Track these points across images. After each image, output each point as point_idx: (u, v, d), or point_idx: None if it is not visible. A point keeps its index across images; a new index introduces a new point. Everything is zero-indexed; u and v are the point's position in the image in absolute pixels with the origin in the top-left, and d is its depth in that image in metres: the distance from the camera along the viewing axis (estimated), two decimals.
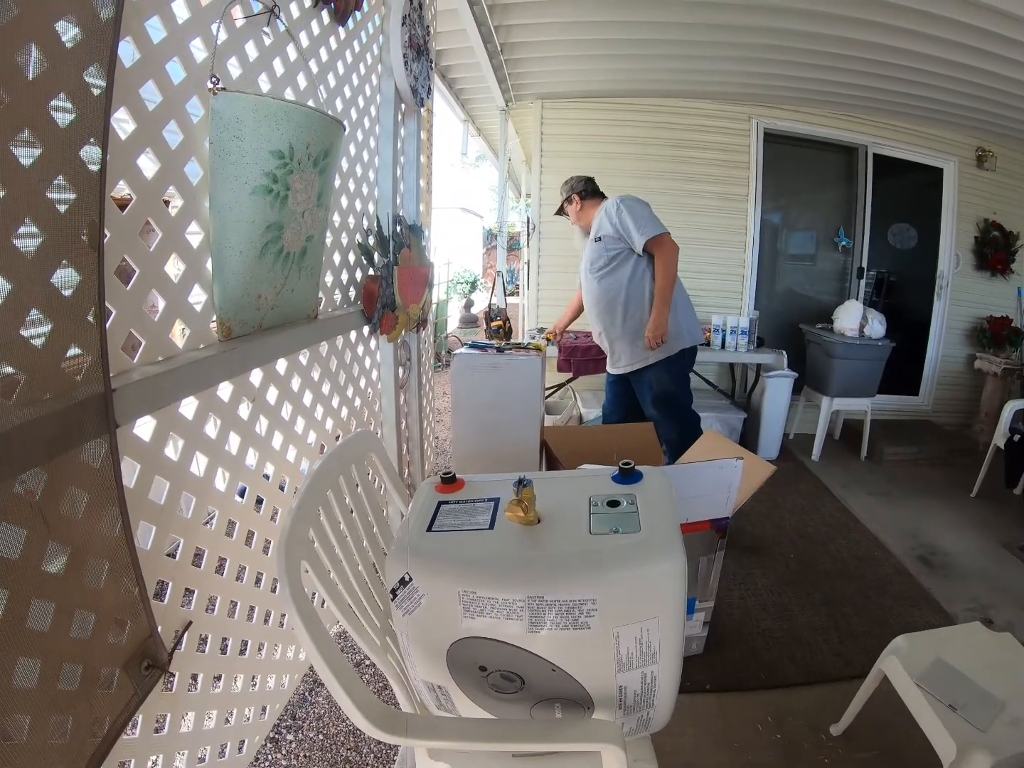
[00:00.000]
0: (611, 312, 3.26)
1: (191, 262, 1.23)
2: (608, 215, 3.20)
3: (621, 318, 3.24)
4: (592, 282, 3.28)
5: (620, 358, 3.35)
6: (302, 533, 1.10)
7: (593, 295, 3.31)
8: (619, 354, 3.34)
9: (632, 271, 3.20)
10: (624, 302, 3.22)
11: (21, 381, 0.81)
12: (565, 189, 3.44)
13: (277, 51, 1.46)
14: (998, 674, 1.58)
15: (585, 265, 3.34)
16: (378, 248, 2.12)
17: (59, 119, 0.83)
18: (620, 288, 3.22)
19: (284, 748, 1.88)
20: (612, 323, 3.28)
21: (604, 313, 3.29)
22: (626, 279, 3.20)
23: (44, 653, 0.86)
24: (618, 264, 3.21)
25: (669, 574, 1.04)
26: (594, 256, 3.25)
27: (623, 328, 3.25)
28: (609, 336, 3.33)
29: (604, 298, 3.26)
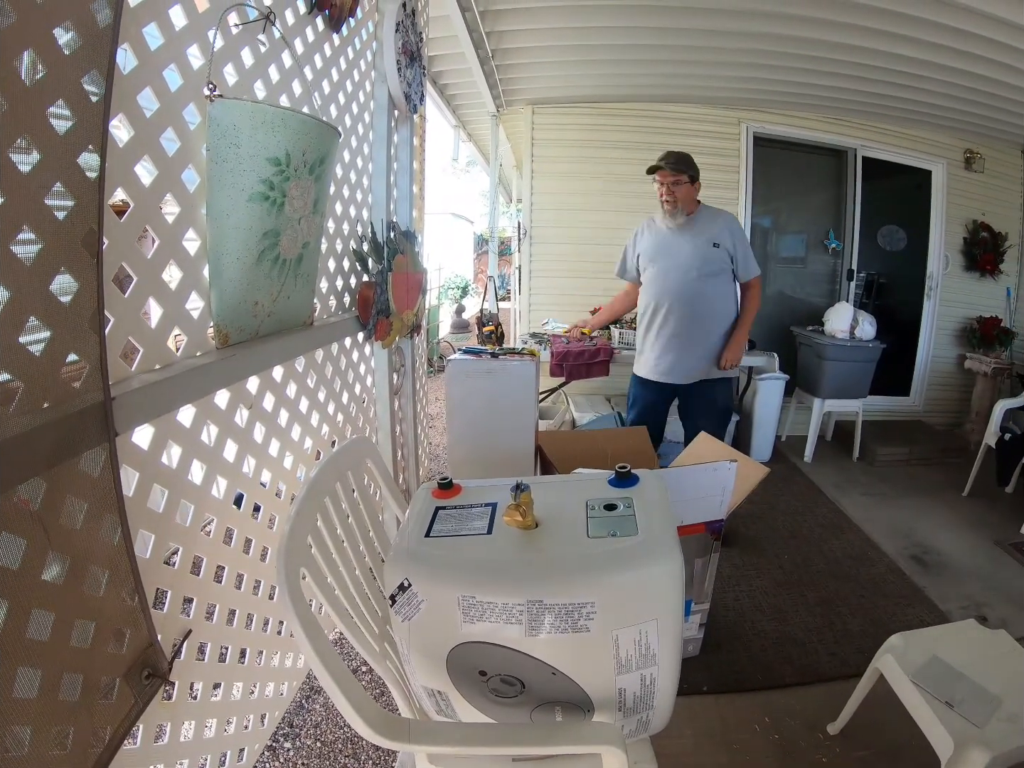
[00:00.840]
0: (700, 318, 3.15)
1: (188, 269, 1.23)
2: (731, 231, 3.15)
3: (706, 328, 3.16)
4: (695, 281, 3.10)
5: (683, 366, 3.21)
6: (300, 540, 1.10)
7: (688, 294, 3.12)
8: (685, 362, 3.20)
9: (727, 290, 3.21)
10: (714, 314, 3.18)
11: (20, 389, 0.80)
12: (688, 165, 3.10)
13: (272, 58, 1.46)
14: (993, 671, 1.60)
15: (688, 260, 3.12)
16: (372, 254, 2.12)
17: (58, 126, 0.83)
18: (716, 300, 3.17)
19: (282, 756, 1.88)
20: (696, 328, 3.16)
21: (694, 316, 3.15)
22: (723, 295, 3.19)
23: (44, 663, 0.85)
24: (723, 278, 3.17)
25: (667, 576, 1.05)
26: (708, 257, 3.10)
27: (704, 339, 3.17)
28: (685, 339, 3.18)
29: (700, 301, 3.14)
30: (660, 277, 3.19)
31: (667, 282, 3.16)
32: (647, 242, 3.28)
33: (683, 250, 3.13)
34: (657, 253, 3.21)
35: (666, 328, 3.20)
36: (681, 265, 3.13)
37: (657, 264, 3.21)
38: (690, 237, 3.13)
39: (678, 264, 3.14)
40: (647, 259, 3.26)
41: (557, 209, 5.13)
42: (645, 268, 3.29)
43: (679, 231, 3.16)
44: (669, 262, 3.16)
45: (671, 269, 3.15)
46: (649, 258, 3.25)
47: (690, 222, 3.15)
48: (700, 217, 3.17)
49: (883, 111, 4.59)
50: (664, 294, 3.17)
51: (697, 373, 3.21)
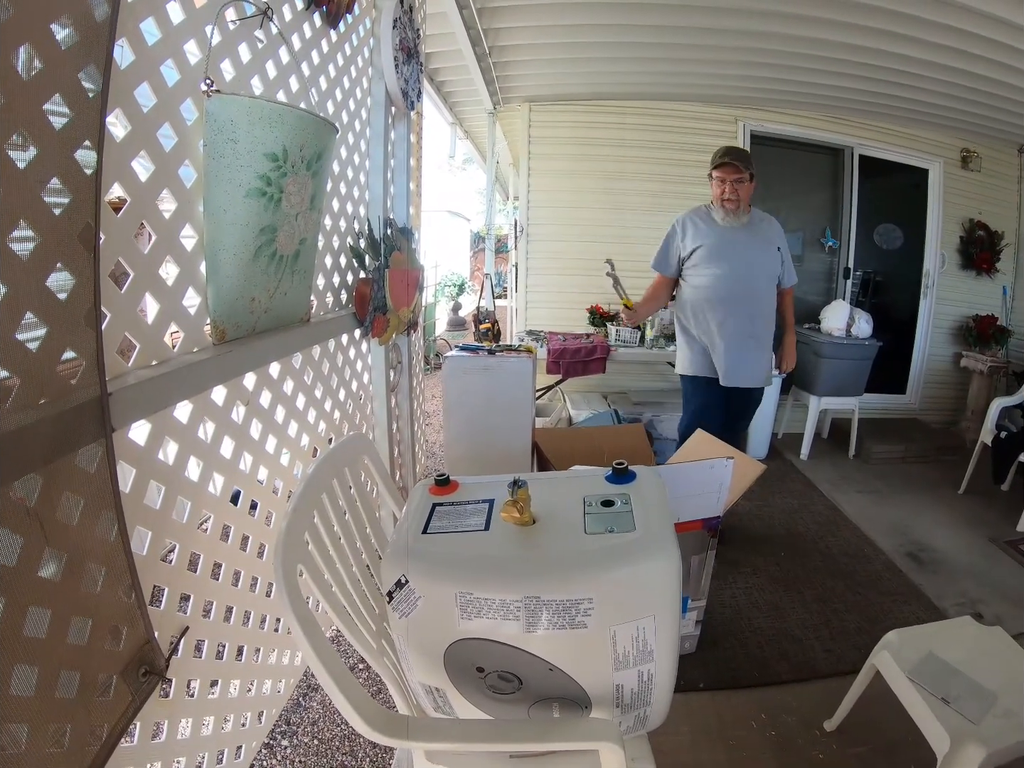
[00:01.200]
0: (768, 321, 3.15)
1: (185, 265, 1.23)
2: (781, 236, 3.17)
3: (770, 331, 3.18)
4: (766, 283, 3.10)
5: (759, 369, 3.16)
6: (298, 537, 1.10)
7: (760, 295, 3.09)
8: (760, 364, 3.15)
9: (775, 296, 3.20)
10: (773, 318, 3.20)
11: (16, 385, 0.80)
12: (750, 163, 3.01)
13: (270, 54, 1.45)
14: (989, 667, 1.61)
15: (758, 262, 3.07)
16: (369, 251, 2.12)
17: (54, 121, 0.82)
18: (773, 303, 3.18)
19: (279, 754, 1.88)
20: (765, 331, 3.14)
21: (765, 317, 3.15)
22: (775, 299, 3.19)
23: (41, 661, 0.85)
24: (775, 283, 3.18)
25: (665, 572, 1.05)
26: (772, 261, 3.10)
27: (767, 344, 3.17)
28: (757, 346, 3.12)
29: (768, 304, 3.14)
30: (730, 277, 3.02)
31: (738, 282, 3.02)
32: (706, 238, 3.08)
33: (751, 251, 3.05)
34: (722, 252, 3.04)
35: (740, 329, 3.05)
36: (752, 266, 3.05)
37: (724, 263, 3.03)
38: (753, 238, 3.06)
39: (749, 264, 3.04)
40: (707, 256, 3.07)
41: (554, 207, 5.13)
42: (700, 264, 3.10)
43: (742, 231, 3.06)
44: (738, 262, 3.02)
45: (742, 269, 3.02)
46: (711, 255, 3.06)
47: (750, 223, 3.09)
48: (754, 219, 3.12)
49: (880, 110, 4.60)
50: (736, 294, 3.02)
51: (766, 376, 3.19)
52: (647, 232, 5.05)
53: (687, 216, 3.19)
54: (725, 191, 2.98)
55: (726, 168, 2.95)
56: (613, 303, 5.01)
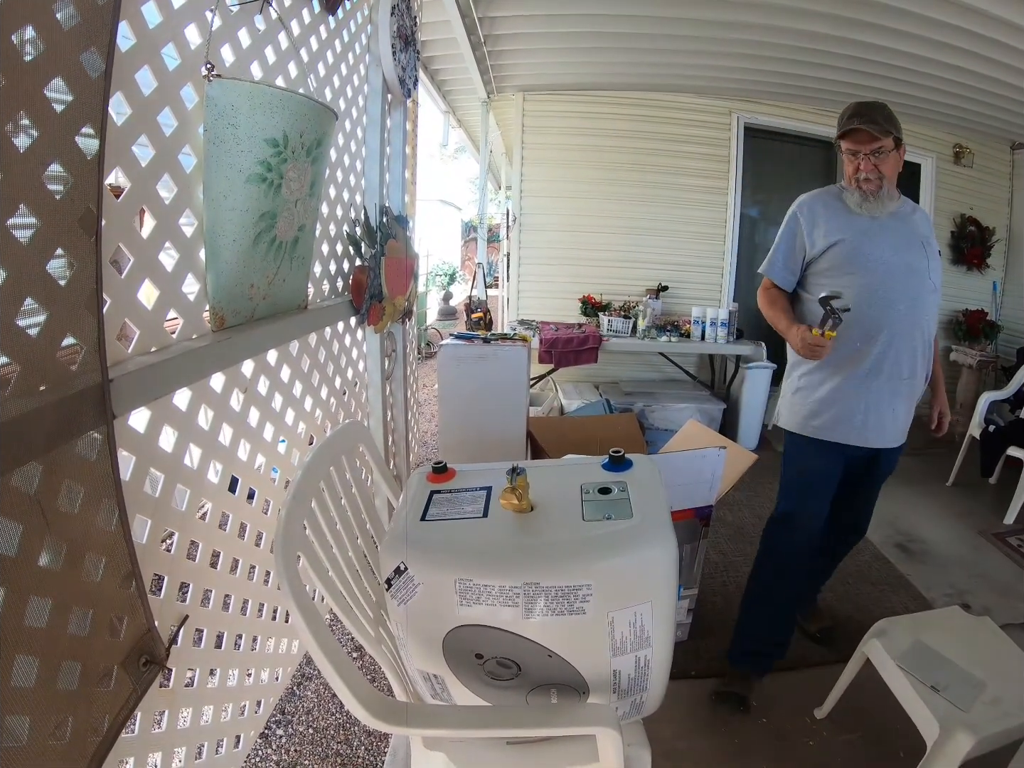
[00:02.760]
0: (928, 352, 2.08)
1: (184, 251, 1.22)
2: (933, 234, 2.12)
3: (928, 367, 2.10)
4: (932, 300, 2.04)
5: (904, 424, 2.13)
6: (297, 525, 1.10)
7: (925, 318, 2.01)
8: (906, 418, 2.12)
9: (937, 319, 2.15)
10: (933, 346, 2.11)
11: (16, 372, 0.79)
12: (894, 123, 1.98)
13: (269, 39, 1.44)
14: (977, 656, 1.63)
15: (920, 269, 2.00)
16: (366, 238, 2.11)
17: (55, 104, 0.81)
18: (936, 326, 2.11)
19: (274, 743, 1.87)
20: (923, 367, 2.07)
21: (925, 350, 2.06)
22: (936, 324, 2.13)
23: (42, 651, 0.85)
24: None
25: (662, 558, 1.06)
26: (936, 270, 2.05)
27: (920, 386, 2.11)
28: (911, 391, 2.08)
29: (931, 329, 2.06)
30: (889, 288, 1.97)
31: (903, 298, 1.97)
32: (846, 231, 2.03)
33: (911, 252, 2.01)
34: (871, 252, 1.99)
35: (891, 368, 2.01)
36: (916, 274, 2.00)
37: (878, 267, 1.98)
38: (911, 233, 2.04)
39: (911, 271, 1.99)
40: (849, 256, 2.01)
41: (546, 196, 5.12)
42: (837, 269, 2.04)
43: (893, 223, 2.03)
44: (898, 267, 1.98)
45: (904, 277, 1.98)
46: (854, 256, 2.01)
47: (900, 212, 2.06)
48: (906, 208, 2.09)
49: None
50: (900, 315, 1.97)
51: (903, 434, 2.15)
52: (639, 223, 5.07)
53: (815, 198, 2.16)
54: (860, 167, 2.01)
55: (857, 136, 1.98)
56: (606, 293, 5.03)
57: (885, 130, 1.94)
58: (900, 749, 1.80)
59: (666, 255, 5.12)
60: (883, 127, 1.95)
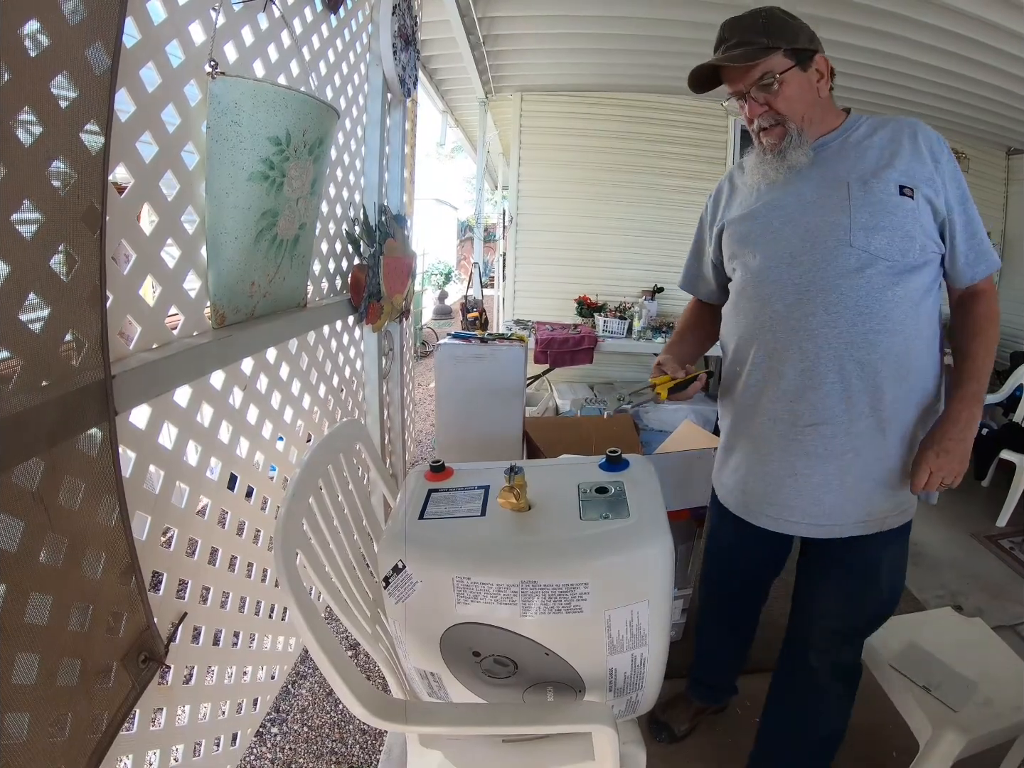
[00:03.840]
0: (879, 381, 1.28)
1: (186, 248, 1.22)
2: (933, 155, 1.31)
3: (899, 395, 1.30)
4: (856, 278, 1.26)
5: (819, 499, 1.35)
6: (297, 523, 1.10)
7: (849, 306, 1.27)
8: (822, 489, 1.34)
9: (923, 306, 1.32)
10: (911, 362, 1.31)
11: (19, 367, 0.79)
12: (780, 30, 1.34)
13: (271, 37, 1.45)
14: (969, 657, 1.65)
15: (824, 231, 1.29)
16: (364, 237, 2.12)
17: (61, 99, 0.81)
18: (912, 325, 1.30)
19: (269, 741, 1.87)
20: (874, 404, 1.29)
21: (872, 368, 1.28)
22: (920, 313, 1.31)
23: (43, 648, 0.85)
24: (920, 274, 1.30)
25: (658, 557, 1.06)
26: (880, 219, 1.25)
27: (892, 419, 1.31)
28: (840, 435, 1.31)
29: (863, 326, 1.27)
30: (751, 283, 1.40)
31: (766, 295, 1.36)
32: (727, 214, 1.50)
33: (816, 211, 1.31)
34: (757, 225, 1.39)
35: (773, 405, 1.37)
36: (812, 244, 1.30)
37: (749, 257, 1.40)
38: (831, 178, 1.32)
39: (803, 243, 1.31)
40: (729, 253, 1.47)
41: (543, 197, 5.13)
42: (731, 257, 1.47)
43: (807, 174, 1.35)
44: (786, 238, 1.34)
45: (780, 259, 1.34)
46: (732, 250, 1.46)
47: (824, 156, 1.35)
48: (851, 141, 1.34)
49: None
50: (760, 323, 1.37)
51: (852, 515, 1.36)
52: (635, 224, 5.07)
53: (726, 174, 1.63)
54: (746, 115, 1.36)
55: (728, 73, 1.36)
56: (601, 294, 5.04)
57: (763, 47, 1.26)
58: (893, 748, 1.81)
59: (662, 256, 5.13)
60: (757, 44, 1.27)
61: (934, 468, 1.28)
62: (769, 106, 1.31)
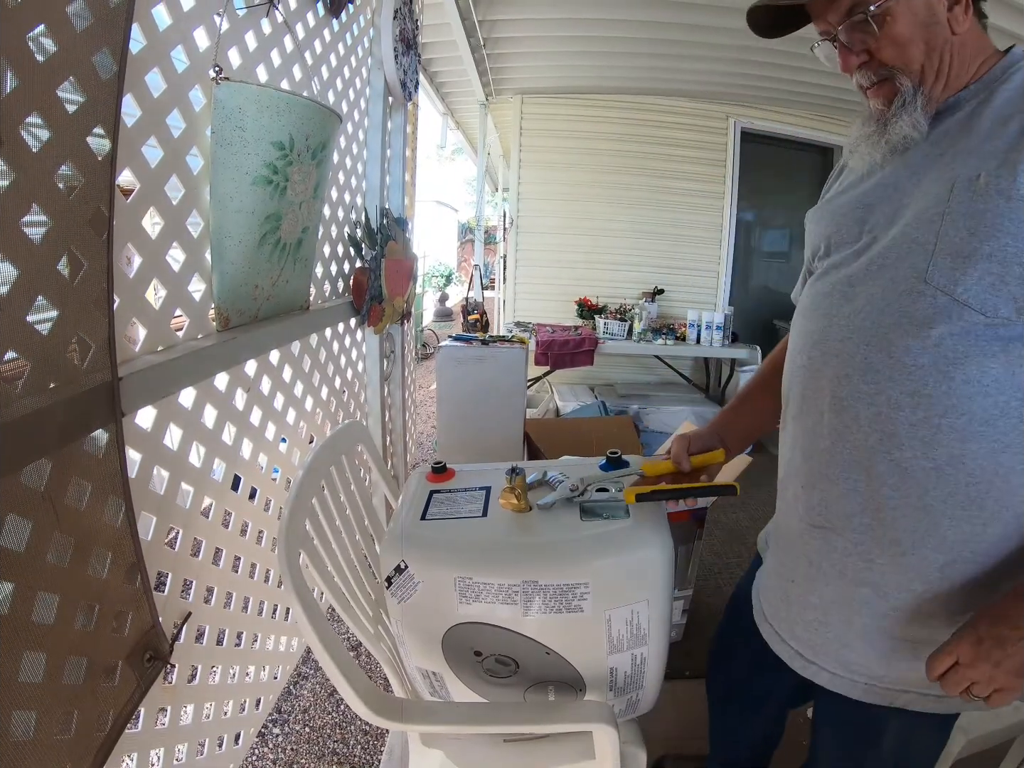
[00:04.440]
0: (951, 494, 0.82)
1: (191, 252, 1.23)
2: None
3: (960, 528, 0.82)
4: (918, 339, 0.80)
5: (844, 631, 0.95)
6: (300, 523, 1.11)
7: (895, 385, 0.82)
8: (817, 616, 0.98)
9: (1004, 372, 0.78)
10: (991, 485, 0.80)
11: (27, 369, 0.80)
12: None
13: (274, 42, 1.46)
14: None
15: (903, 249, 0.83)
16: (366, 240, 2.13)
17: (68, 105, 0.82)
18: (1003, 426, 0.78)
19: (271, 742, 1.88)
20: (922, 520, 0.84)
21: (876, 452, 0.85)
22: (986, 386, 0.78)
23: (50, 646, 0.86)
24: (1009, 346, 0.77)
25: (658, 557, 1.07)
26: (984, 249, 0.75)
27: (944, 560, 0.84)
28: (856, 545, 0.90)
29: (955, 427, 0.79)
30: (814, 304, 0.98)
31: (799, 346, 0.99)
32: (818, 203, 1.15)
33: (892, 223, 0.87)
34: (817, 235, 1.05)
35: (796, 492, 1.01)
36: (874, 264, 0.87)
37: (816, 292, 0.99)
38: (926, 178, 0.85)
39: (864, 265, 0.89)
40: (806, 251, 1.13)
41: (544, 199, 5.14)
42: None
43: (903, 165, 0.89)
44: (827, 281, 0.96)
45: (838, 281, 0.93)
46: (807, 248, 1.12)
47: (946, 129, 0.86)
48: (993, 104, 0.81)
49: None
50: (792, 385, 1.02)
51: (848, 666, 0.97)
52: (636, 226, 5.09)
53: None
54: (844, 67, 0.93)
55: (811, 6, 0.92)
56: (602, 296, 5.05)
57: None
58: None
59: (662, 258, 5.14)
60: None
61: (964, 660, 0.77)
62: (870, 54, 0.87)
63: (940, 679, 0.79)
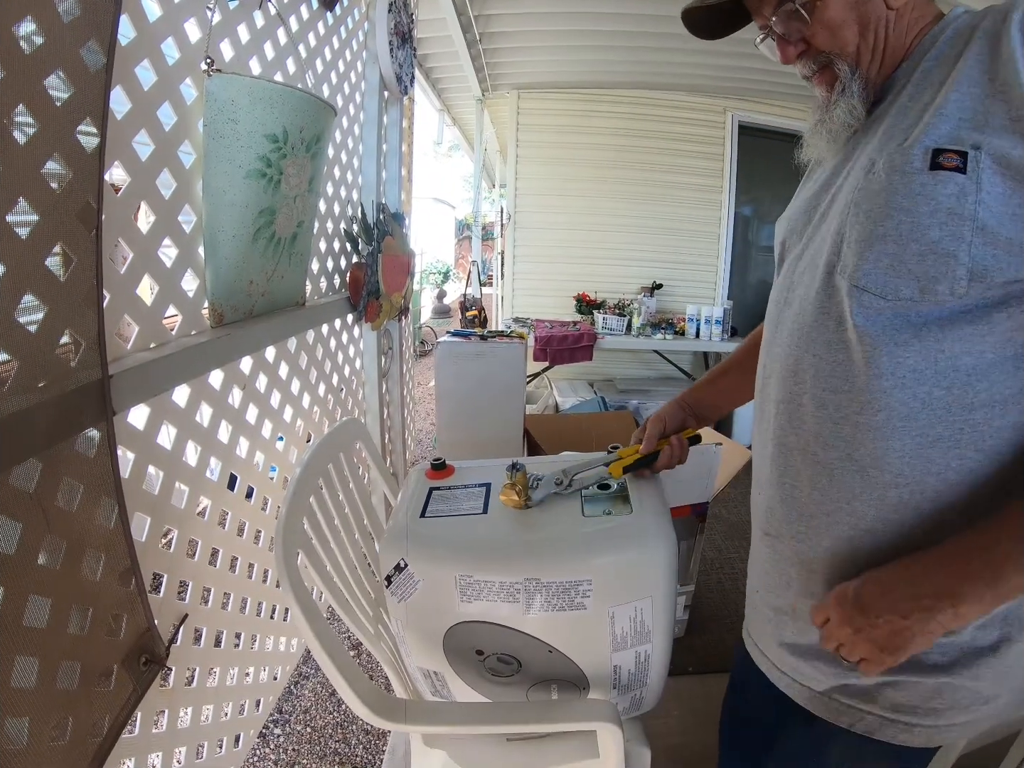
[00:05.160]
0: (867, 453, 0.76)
1: (183, 247, 1.22)
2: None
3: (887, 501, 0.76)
4: (833, 333, 0.78)
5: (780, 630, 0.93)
6: (298, 522, 1.09)
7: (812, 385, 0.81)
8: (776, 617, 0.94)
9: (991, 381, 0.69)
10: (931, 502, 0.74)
11: (15, 368, 0.79)
12: None
13: (267, 35, 1.44)
14: None
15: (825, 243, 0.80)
16: (363, 235, 2.11)
17: (55, 97, 0.81)
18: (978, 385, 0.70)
19: (272, 743, 1.87)
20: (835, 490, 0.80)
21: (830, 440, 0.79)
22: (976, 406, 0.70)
23: (42, 651, 0.84)
24: (976, 327, 0.69)
25: (662, 553, 1.05)
26: (879, 231, 0.71)
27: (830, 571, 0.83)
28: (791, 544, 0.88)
29: (872, 425, 0.75)
30: (769, 312, 0.95)
31: (769, 328, 0.94)
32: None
33: (826, 217, 0.83)
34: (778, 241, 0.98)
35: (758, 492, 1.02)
36: (803, 262, 0.86)
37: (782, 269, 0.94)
38: (855, 165, 0.80)
39: (804, 264, 0.86)
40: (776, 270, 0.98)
41: (541, 194, 5.12)
42: None
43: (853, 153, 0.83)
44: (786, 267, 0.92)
45: (782, 285, 0.91)
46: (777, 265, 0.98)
47: (885, 108, 0.80)
48: (921, 71, 0.76)
49: None
50: (761, 370, 0.98)
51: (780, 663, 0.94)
52: (634, 221, 5.07)
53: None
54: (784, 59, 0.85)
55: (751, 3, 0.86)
56: (600, 291, 5.04)
57: None
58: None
59: (660, 253, 5.13)
60: None
61: (832, 617, 0.76)
62: (807, 42, 0.82)
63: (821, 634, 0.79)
